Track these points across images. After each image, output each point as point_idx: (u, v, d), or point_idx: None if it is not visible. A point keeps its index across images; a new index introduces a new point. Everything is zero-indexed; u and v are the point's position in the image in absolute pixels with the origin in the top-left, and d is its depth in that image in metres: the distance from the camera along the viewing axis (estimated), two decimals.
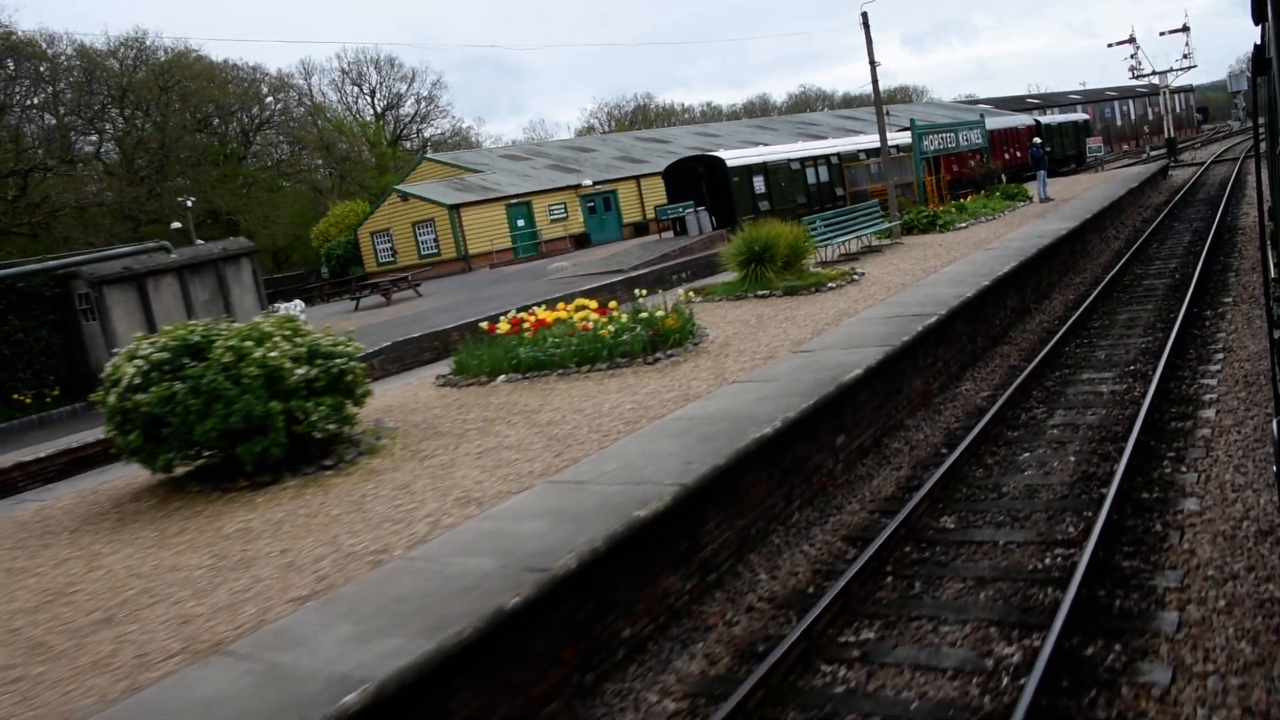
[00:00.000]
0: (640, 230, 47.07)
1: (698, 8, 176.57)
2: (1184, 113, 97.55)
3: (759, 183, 36.87)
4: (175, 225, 44.81)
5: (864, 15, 24.18)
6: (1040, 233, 19.00)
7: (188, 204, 45.26)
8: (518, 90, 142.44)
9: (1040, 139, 34.22)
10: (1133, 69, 53.26)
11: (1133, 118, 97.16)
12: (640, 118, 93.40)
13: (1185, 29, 51.62)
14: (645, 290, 17.44)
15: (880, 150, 27.66)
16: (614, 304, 12.84)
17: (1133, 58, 52.99)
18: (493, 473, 7.59)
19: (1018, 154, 44.70)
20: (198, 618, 5.54)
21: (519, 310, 14.04)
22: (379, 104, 71.61)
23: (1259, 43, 5.17)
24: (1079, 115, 63.02)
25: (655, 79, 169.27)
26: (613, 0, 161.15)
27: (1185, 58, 52.92)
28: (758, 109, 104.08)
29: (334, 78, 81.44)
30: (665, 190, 38.55)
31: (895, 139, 32.89)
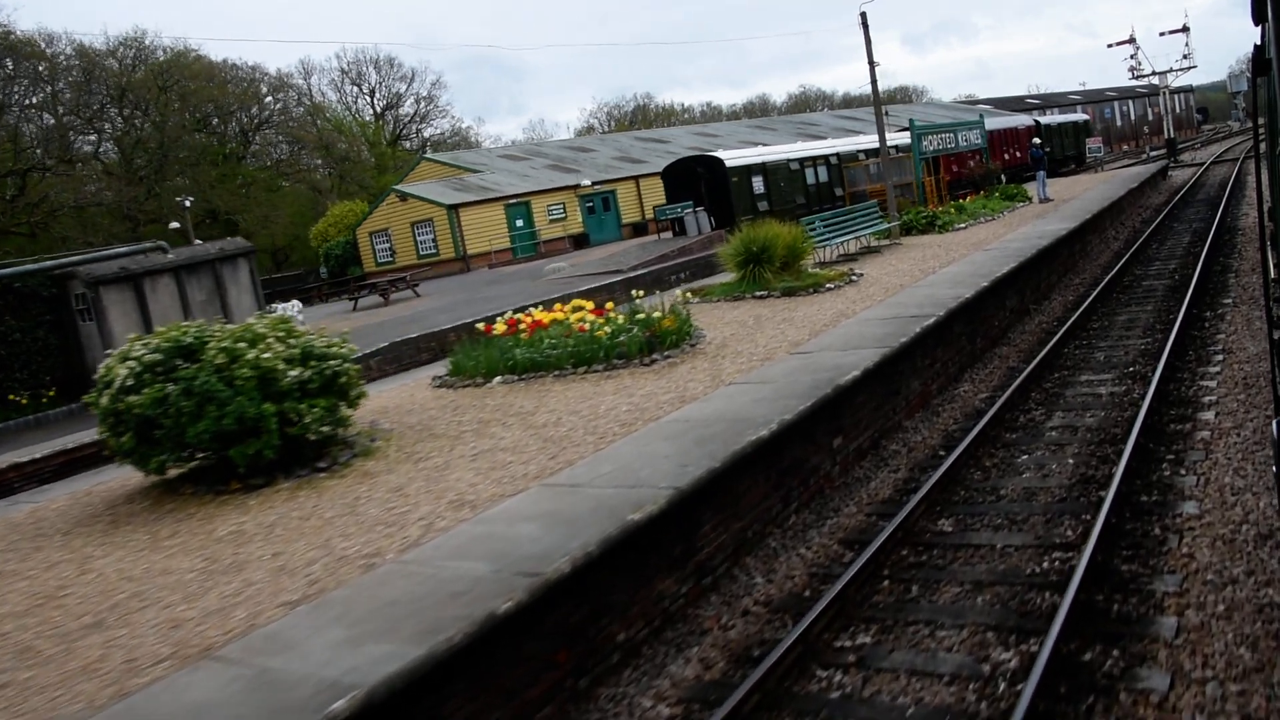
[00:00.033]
0: (639, 230, 46.99)
1: (697, 8, 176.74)
2: (1184, 113, 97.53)
3: (758, 183, 36.81)
4: (174, 225, 44.76)
5: (863, 15, 24.17)
6: (1039, 233, 18.96)
7: (186, 204, 45.18)
8: (517, 90, 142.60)
9: (1040, 139, 34.18)
10: (1132, 69, 53.29)
11: (1132, 118, 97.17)
12: (640, 118, 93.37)
13: (1185, 29, 51.65)
14: (643, 291, 17.41)
15: (879, 150, 27.60)
16: (610, 305, 12.79)
17: (1132, 58, 53.04)
18: (487, 475, 7.54)
19: (1017, 154, 44.67)
20: (188, 622, 5.50)
21: (516, 311, 13.98)
22: (378, 104, 71.65)
23: (1259, 43, 5.14)
24: (1079, 115, 62.99)
25: (655, 79, 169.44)
26: (612, 0, 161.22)
27: (1185, 58, 52.95)
28: (757, 109, 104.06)
29: (333, 77, 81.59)
30: (664, 190, 38.47)
31: (894, 139, 32.85)
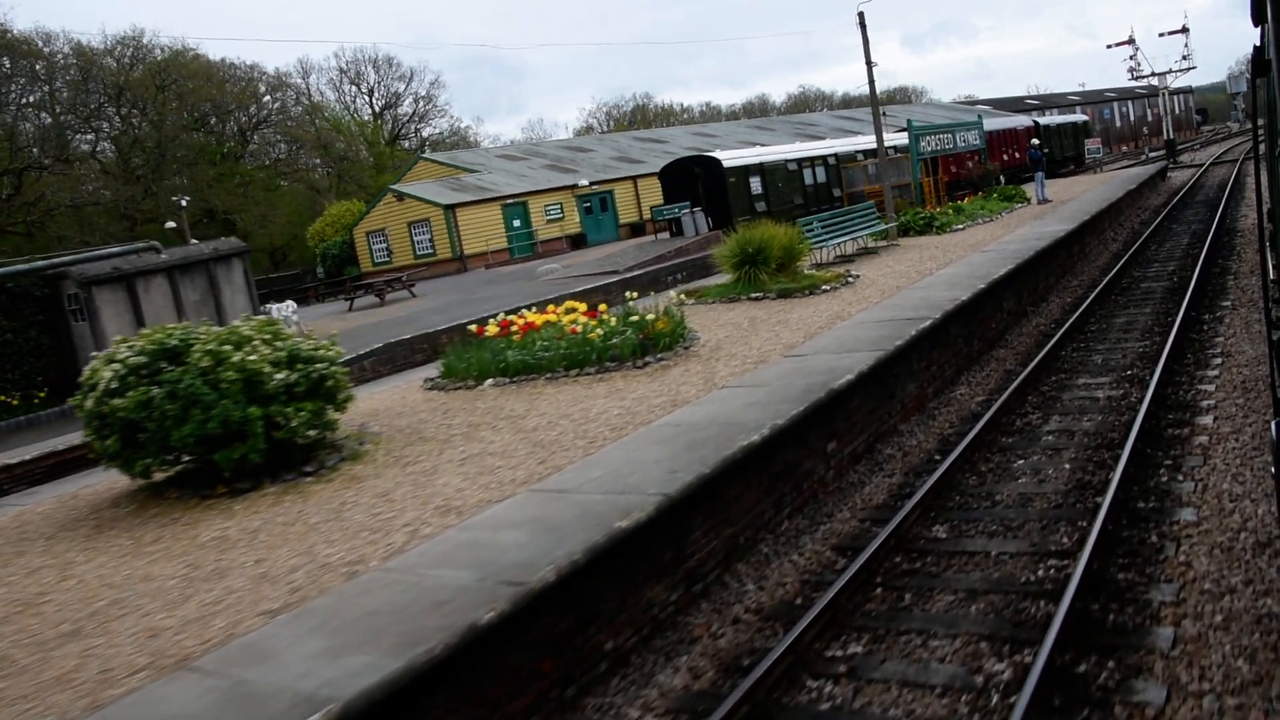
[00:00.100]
0: (637, 231, 46.88)
1: (697, 8, 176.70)
2: (1183, 114, 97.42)
3: (755, 183, 36.69)
4: (170, 225, 44.63)
5: (860, 15, 24.08)
6: (1038, 235, 18.87)
7: (183, 203, 45.03)
8: (516, 90, 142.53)
9: (1039, 140, 34.12)
10: (1132, 70, 53.22)
11: (1132, 119, 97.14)
12: (639, 118, 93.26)
13: (1184, 30, 51.59)
14: (638, 292, 17.27)
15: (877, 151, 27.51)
16: (604, 306, 12.70)
17: (1132, 59, 52.98)
18: (475, 480, 7.44)
19: (1016, 155, 44.59)
20: (166, 631, 5.39)
21: (509, 312, 13.86)
22: (377, 103, 71.51)
23: (1258, 44, 5.07)
24: (1078, 116, 62.91)
25: (654, 79, 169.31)
26: (612, 0, 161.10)
27: (1184, 59, 52.98)
28: (756, 109, 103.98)
29: (332, 77, 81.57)
30: (662, 191, 38.35)
31: (892, 140, 32.77)
